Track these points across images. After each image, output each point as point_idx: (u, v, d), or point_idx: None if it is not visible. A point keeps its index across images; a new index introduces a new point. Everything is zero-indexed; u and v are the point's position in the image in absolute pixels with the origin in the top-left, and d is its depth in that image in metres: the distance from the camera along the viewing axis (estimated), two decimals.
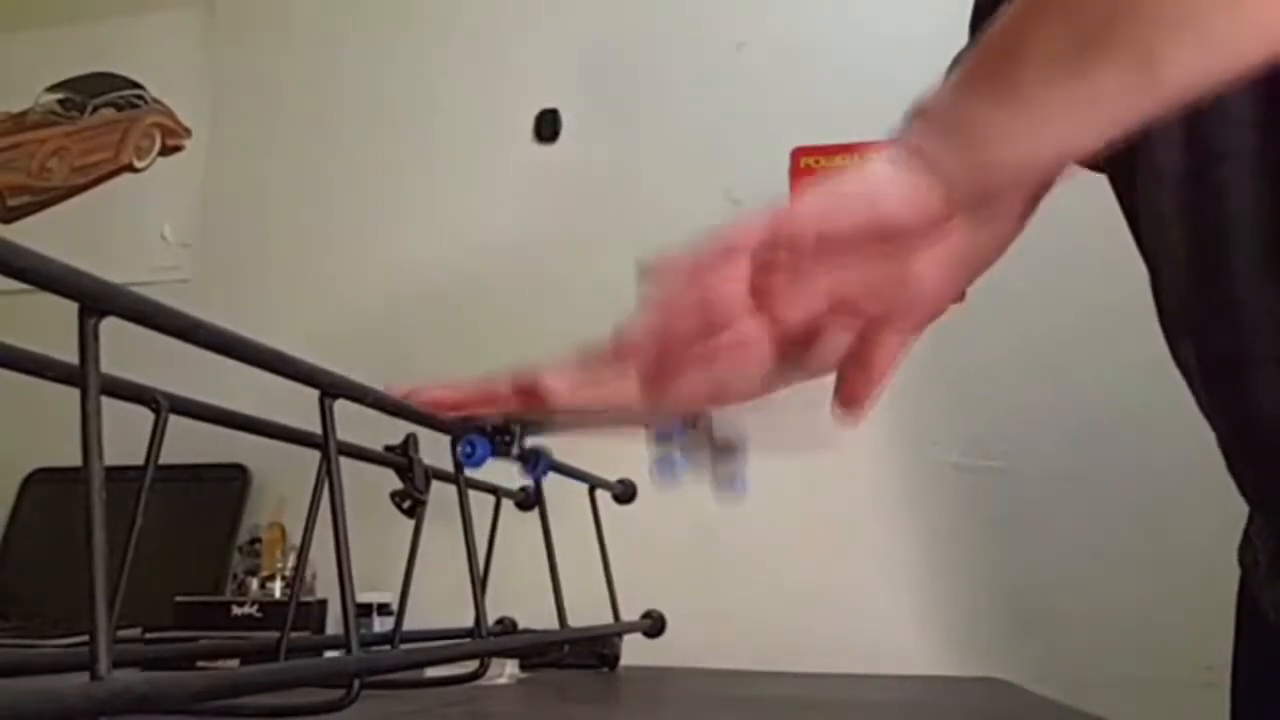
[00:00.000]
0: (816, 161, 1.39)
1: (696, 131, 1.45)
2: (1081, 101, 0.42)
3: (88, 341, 0.37)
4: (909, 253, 0.48)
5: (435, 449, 0.78)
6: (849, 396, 0.52)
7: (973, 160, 0.45)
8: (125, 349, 0.52)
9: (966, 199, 0.47)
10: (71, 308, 0.37)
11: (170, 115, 1.69)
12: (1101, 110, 0.43)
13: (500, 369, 0.59)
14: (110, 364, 0.40)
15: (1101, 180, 0.64)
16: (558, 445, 0.98)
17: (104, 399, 0.38)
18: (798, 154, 1.40)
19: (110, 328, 0.39)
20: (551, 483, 0.96)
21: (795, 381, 0.54)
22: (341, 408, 0.57)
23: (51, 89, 1.75)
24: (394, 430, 0.74)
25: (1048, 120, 0.43)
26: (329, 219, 1.58)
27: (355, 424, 0.64)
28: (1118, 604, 1.21)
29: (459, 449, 0.63)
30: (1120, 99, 0.42)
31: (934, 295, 0.51)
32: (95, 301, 0.37)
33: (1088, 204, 0.67)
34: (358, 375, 0.58)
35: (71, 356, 0.41)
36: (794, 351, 0.52)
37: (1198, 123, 0.52)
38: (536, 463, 0.72)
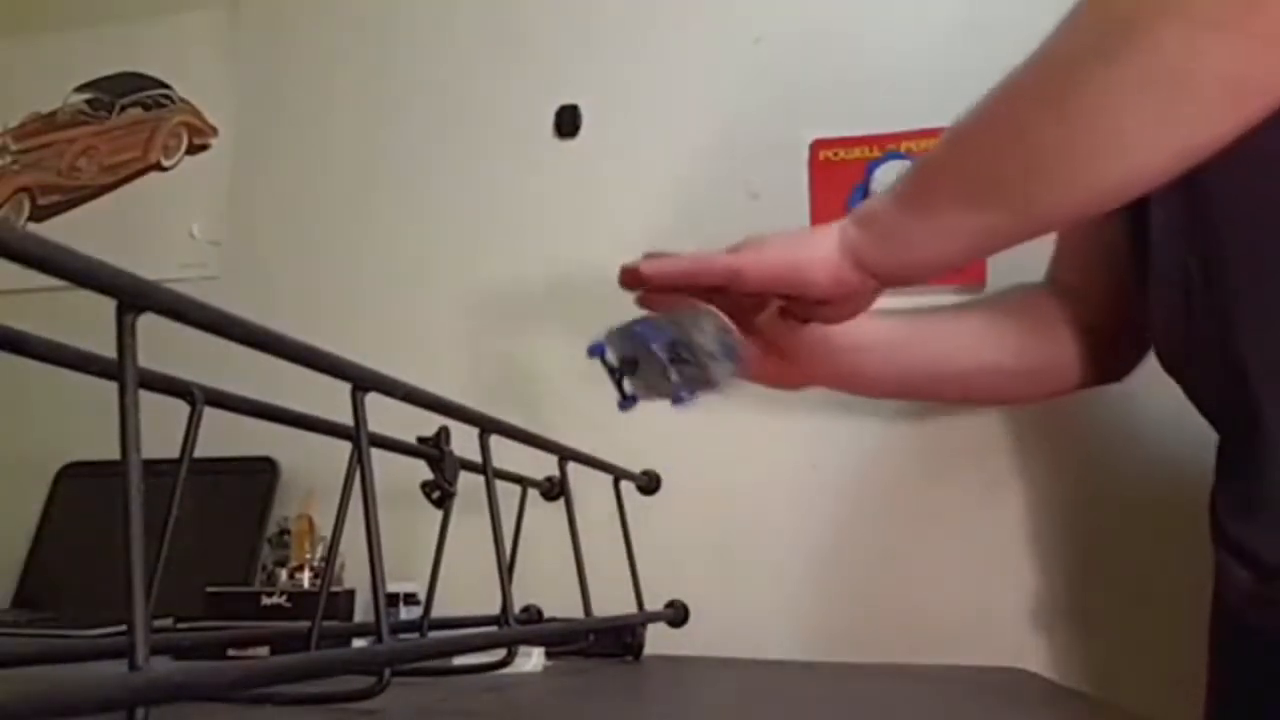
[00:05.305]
0: (836, 154, 1.38)
1: (715, 125, 1.45)
2: (979, 229, 0.65)
3: (125, 337, 0.38)
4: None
5: (463, 441, 0.79)
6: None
7: (896, 261, 0.70)
8: (152, 346, 0.53)
9: (887, 282, 0.73)
10: (106, 304, 0.38)
11: (197, 114, 1.71)
12: (993, 236, 0.66)
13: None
14: (141, 360, 0.41)
15: None
16: (582, 441, 0.99)
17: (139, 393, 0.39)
18: (817, 146, 1.39)
19: (138, 324, 0.40)
20: (576, 474, 0.97)
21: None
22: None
23: (80, 89, 1.77)
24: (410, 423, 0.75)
25: (955, 238, 0.66)
26: (356, 215, 1.59)
27: (381, 417, 0.65)
28: (1133, 599, 1.20)
29: None
30: (1007, 229, 0.65)
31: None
32: (133, 298, 0.38)
33: None
34: (385, 369, 0.59)
35: (103, 351, 0.42)
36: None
37: None
38: None
